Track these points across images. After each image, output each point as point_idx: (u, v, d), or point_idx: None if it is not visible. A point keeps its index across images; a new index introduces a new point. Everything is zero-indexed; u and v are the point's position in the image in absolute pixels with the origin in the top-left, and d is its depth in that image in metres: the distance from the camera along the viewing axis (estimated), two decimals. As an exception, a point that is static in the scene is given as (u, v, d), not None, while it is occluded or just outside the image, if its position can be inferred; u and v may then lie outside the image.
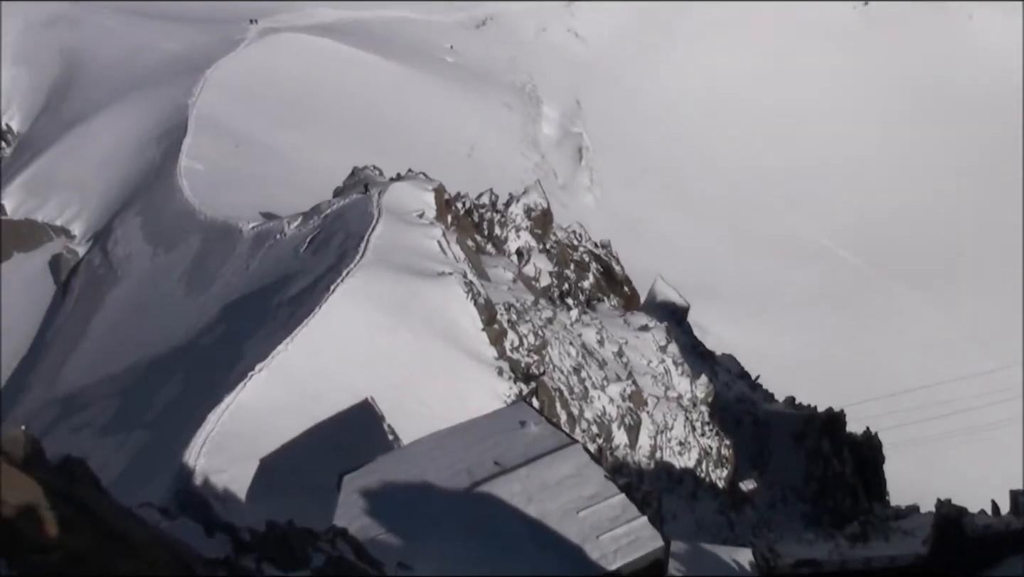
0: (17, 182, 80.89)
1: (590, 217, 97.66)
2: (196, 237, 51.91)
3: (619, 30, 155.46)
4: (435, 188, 45.20)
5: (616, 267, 63.22)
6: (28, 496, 7.35)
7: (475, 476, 17.75)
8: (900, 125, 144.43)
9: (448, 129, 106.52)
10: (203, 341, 36.67)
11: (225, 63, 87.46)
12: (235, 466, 22.42)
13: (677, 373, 52.07)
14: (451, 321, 33.78)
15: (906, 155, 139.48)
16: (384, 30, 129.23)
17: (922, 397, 69.69)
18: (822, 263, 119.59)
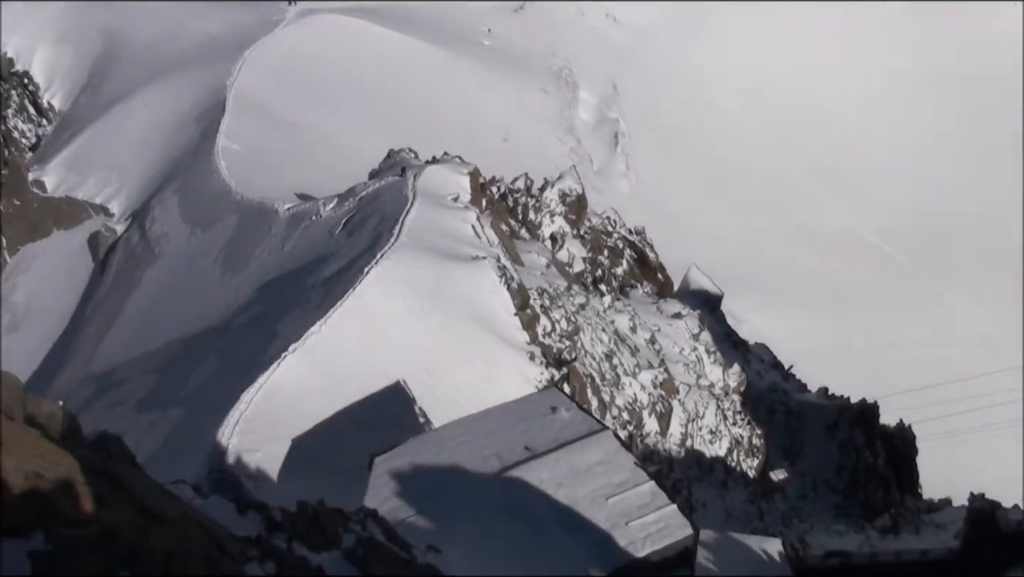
0: (58, 160, 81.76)
1: (625, 203, 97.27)
2: (232, 217, 52.21)
3: (658, 15, 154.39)
4: (470, 172, 45.15)
5: (650, 254, 62.98)
6: (65, 471, 7.44)
7: (505, 461, 17.78)
8: (949, 118, 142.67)
9: (484, 113, 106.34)
10: (238, 321, 36.92)
11: (263, 44, 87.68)
12: (267, 445, 22.59)
13: (709, 361, 51.83)
14: (484, 305, 33.80)
15: (953, 149, 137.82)
16: (422, 13, 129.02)
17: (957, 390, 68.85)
18: (860, 254, 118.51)
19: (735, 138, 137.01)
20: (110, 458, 10.12)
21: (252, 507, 14.00)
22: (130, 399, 35.37)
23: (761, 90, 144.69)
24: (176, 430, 28.03)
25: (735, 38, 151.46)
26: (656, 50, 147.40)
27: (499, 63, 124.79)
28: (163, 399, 32.54)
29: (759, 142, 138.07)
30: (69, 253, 73.39)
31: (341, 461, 21.93)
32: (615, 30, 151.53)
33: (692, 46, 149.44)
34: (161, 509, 8.73)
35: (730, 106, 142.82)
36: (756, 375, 54.93)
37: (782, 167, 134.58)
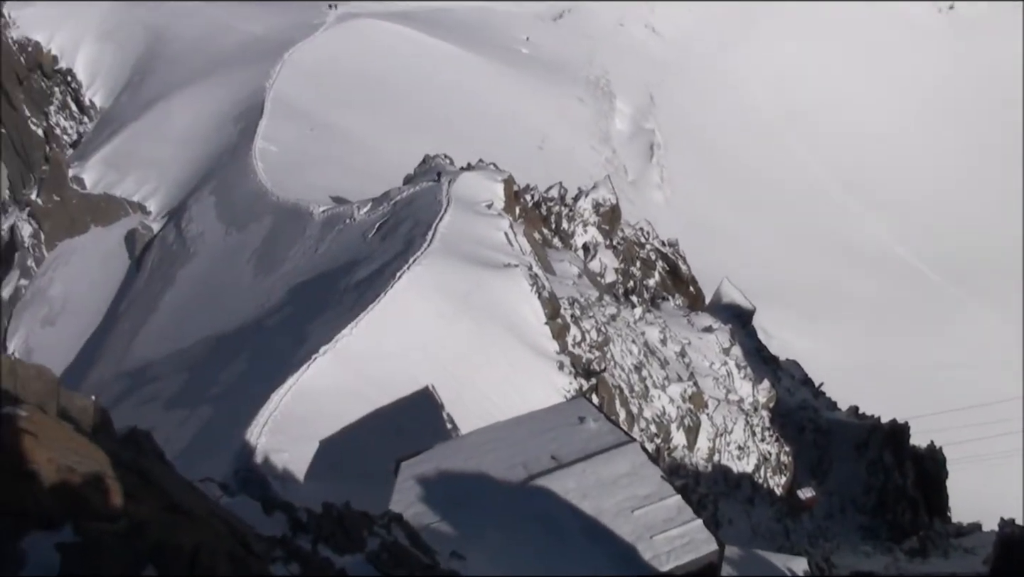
0: (97, 157, 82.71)
1: (659, 215, 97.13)
2: (267, 218, 52.58)
3: (697, 27, 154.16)
4: (505, 179, 45.26)
5: (682, 266, 62.80)
6: (95, 465, 7.52)
7: (531, 469, 17.76)
8: (985, 134, 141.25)
9: (520, 121, 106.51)
10: (270, 321, 37.17)
11: (303, 47, 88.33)
12: (295, 446, 22.70)
13: (739, 376, 51.58)
14: (514, 313, 33.83)
15: (990, 166, 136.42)
16: (462, 19, 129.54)
17: (989, 413, 68.06)
18: (895, 271, 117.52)
19: (771, 152, 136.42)
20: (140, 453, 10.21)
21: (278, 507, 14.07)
22: (161, 396, 35.68)
23: (798, 104, 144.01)
24: (205, 428, 28.23)
25: (774, 52, 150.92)
26: (694, 62, 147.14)
27: (537, 71, 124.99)
28: (193, 397, 32.79)
29: (795, 156, 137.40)
30: (106, 250, 74.18)
31: (368, 464, 21.99)
32: (654, 41, 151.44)
33: (731, 59, 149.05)
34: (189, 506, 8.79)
35: (767, 120, 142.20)
36: (786, 391, 54.60)
37: (818, 182, 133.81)
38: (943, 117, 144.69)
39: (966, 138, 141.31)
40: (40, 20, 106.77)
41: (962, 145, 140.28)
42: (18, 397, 8.03)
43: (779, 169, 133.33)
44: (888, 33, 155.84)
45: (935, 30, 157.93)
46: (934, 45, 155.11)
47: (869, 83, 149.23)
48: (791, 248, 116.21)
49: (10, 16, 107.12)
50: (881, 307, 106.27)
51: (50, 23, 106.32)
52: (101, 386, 44.98)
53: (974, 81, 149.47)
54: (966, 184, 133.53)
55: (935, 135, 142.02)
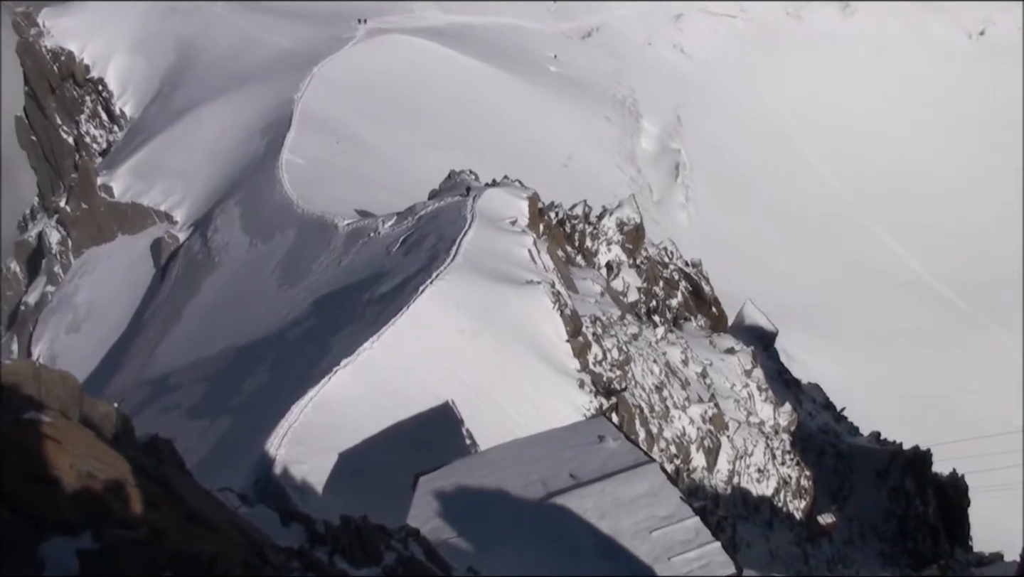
0: (126, 166, 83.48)
1: (682, 235, 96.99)
2: (292, 230, 52.83)
3: (725, 48, 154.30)
4: (529, 196, 45.25)
5: (705, 287, 62.59)
6: (117, 472, 7.57)
7: (550, 487, 17.71)
8: (1011, 160, 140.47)
9: (546, 138, 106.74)
10: (292, 333, 37.30)
11: (332, 61, 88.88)
12: (314, 458, 22.73)
13: (761, 399, 51.29)
14: (536, 330, 33.79)
15: (1016, 192, 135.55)
16: (491, 36, 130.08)
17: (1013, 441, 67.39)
18: (919, 296, 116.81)
19: (797, 174, 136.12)
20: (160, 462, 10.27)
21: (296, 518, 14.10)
22: (183, 404, 35.85)
23: (825, 127, 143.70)
24: (225, 437, 28.33)
25: (802, 75, 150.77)
26: (721, 83, 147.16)
27: (564, 89, 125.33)
28: (214, 406, 32.92)
29: (821, 179, 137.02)
30: (132, 258, 74.79)
31: (386, 478, 22.01)
32: (682, 61, 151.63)
33: (758, 81, 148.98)
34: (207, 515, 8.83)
35: (793, 142, 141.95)
36: (807, 415, 54.27)
37: (843, 205, 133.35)
38: (969, 142, 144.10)
39: (991, 163, 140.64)
40: (74, 30, 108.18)
41: (987, 170, 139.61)
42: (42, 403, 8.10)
43: (804, 191, 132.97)
44: (917, 58, 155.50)
45: (965, 56, 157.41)
46: (963, 71, 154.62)
47: (896, 107, 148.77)
48: (815, 271, 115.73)
49: (44, 25, 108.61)
50: (905, 332, 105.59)
51: (83, 33, 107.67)
52: (124, 393, 45.25)
53: (1002, 108, 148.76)
54: (991, 210, 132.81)
55: (960, 160, 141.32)
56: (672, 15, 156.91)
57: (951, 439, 60.80)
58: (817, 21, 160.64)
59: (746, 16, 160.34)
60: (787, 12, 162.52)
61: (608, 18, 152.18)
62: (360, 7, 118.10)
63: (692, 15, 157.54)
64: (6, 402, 7.63)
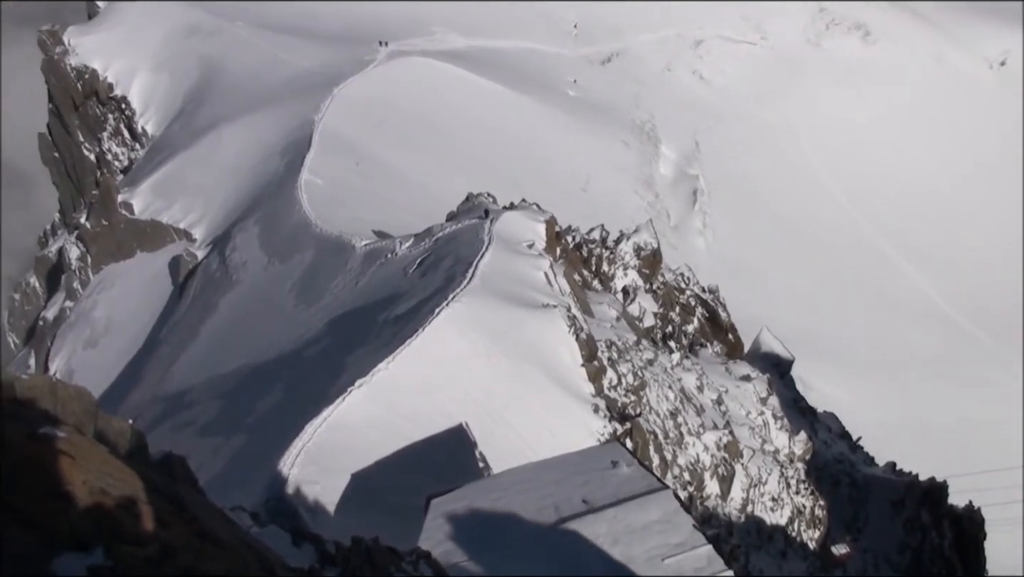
0: (146, 184, 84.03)
1: (700, 260, 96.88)
2: (310, 250, 53.02)
3: (744, 74, 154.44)
4: (547, 220, 45.31)
5: (722, 313, 62.40)
6: (130, 489, 7.58)
7: (562, 512, 17.65)
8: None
9: (565, 162, 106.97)
10: (308, 352, 37.38)
11: (353, 82, 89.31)
12: (327, 478, 22.74)
13: (776, 427, 51.02)
14: (551, 354, 33.77)
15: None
16: (511, 60, 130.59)
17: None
18: (938, 326, 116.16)
19: (816, 202, 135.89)
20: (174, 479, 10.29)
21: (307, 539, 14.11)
22: (197, 422, 35.94)
23: (846, 155, 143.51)
24: (239, 456, 28.37)
25: (821, 102, 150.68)
26: (741, 110, 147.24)
27: (583, 113, 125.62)
28: (228, 424, 32.99)
29: (841, 207, 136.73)
30: (150, 275, 75.18)
31: (398, 500, 21.99)
32: (701, 87, 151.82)
33: (777, 108, 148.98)
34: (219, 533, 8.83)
35: (813, 170, 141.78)
36: (823, 444, 53.90)
37: (863, 234, 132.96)
38: (988, 171, 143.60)
39: (1010, 192, 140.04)
40: (98, 48, 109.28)
41: (1006, 199, 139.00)
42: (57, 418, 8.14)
43: (823, 219, 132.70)
44: (937, 87, 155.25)
45: (985, 85, 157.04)
46: (983, 100, 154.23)
47: (916, 136, 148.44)
48: (832, 299, 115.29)
49: (70, 44, 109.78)
50: (922, 362, 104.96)
51: (108, 52, 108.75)
52: (139, 409, 45.42)
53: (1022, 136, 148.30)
54: (1010, 239, 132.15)
55: (980, 190, 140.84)
56: (692, 41, 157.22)
57: (968, 470, 60.28)
58: (837, 49, 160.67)
59: (766, 43, 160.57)
60: (807, 40, 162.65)
61: (628, 44, 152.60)
62: (382, 30, 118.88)
63: (712, 42, 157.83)
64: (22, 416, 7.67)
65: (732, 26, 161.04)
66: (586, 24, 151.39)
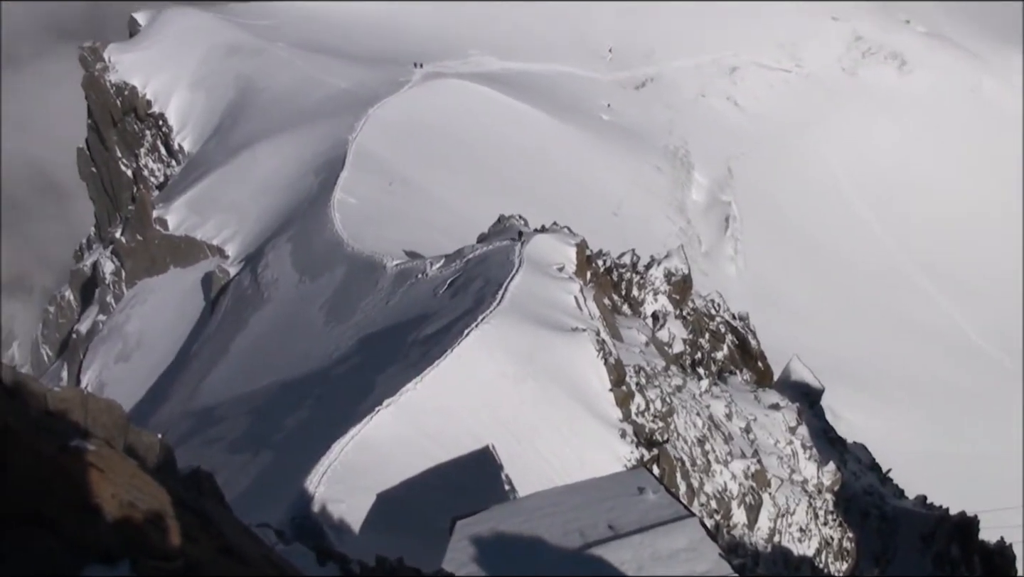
0: (182, 200, 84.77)
1: (730, 287, 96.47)
2: (341, 268, 53.23)
3: (779, 101, 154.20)
4: (577, 243, 45.30)
5: (752, 341, 62.03)
6: (157, 503, 7.62)
7: (587, 537, 17.55)
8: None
9: (597, 186, 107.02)
10: (337, 370, 37.48)
11: (388, 102, 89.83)
12: (353, 497, 22.74)
13: (805, 457, 50.56)
14: (579, 377, 33.68)
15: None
16: (546, 84, 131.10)
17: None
18: (970, 357, 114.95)
19: (849, 230, 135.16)
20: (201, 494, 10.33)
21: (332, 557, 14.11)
22: (225, 437, 36.08)
23: (879, 184, 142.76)
24: (266, 472, 28.44)
25: (855, 131, 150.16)
26: (774, 136, 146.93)
27: (616, 138, 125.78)
28: (256, 441, 33.09)
29: (873, 235, 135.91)
30: (183, 290, 75.73)
31: (423, 520, 21.94)
32: (735, 114, 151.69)
33: (811, 135, 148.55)
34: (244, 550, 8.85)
35: (846, 198, 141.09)
36: (852, 475, 53.34)
37: (894, 262, 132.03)
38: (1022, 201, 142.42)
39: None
40: (138, 65, 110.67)
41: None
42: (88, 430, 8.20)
43: (855, 248, 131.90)
44: (973, 117, 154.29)
45: (1020, 116, 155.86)
46: (1019, 131, 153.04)
47: (950, 166, 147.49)
48: (864, 329, 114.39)
49: (110, 60, 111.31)
50: (954, 393, 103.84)
51: (147, 69, 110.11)
52: (168, 424, 45.65)
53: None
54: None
55: (1013, 221, 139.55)
56: (727, 68, 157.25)
57: (1000, 505, 59.46)
58: (872, 78, 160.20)
59: (801, 71, 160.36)
60: (843, 68, 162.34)
61: (663, 69, 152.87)
62: (418, 51, 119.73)
63: (747, 68, 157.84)
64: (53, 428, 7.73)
65: (767, 53, 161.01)
66: (621, 49, 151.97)
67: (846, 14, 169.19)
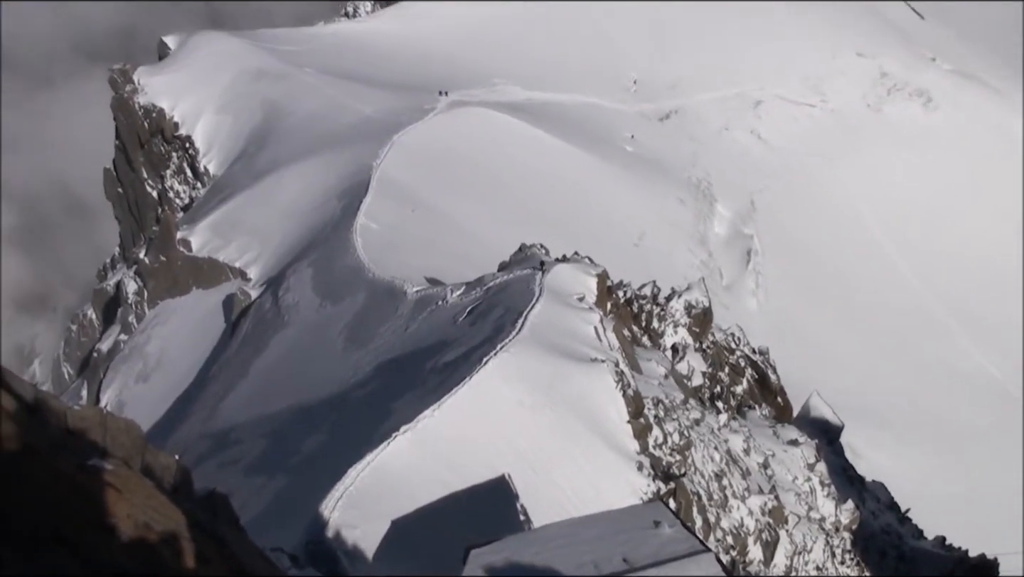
0: (206, 222, 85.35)
1: (751, 321, 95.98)
2: (361, 294, 53.36)
3: (803, 136, 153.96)
4: (598, 273, 45.27)
5: (772, 376, 61.71)
6: (172, 524, 7.65)
7: (602, 569, 17.43)
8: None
9: (619, 217, 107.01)
10: (354, 395, 37.51)
11: (412, 129, 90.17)
12: (367, 523, 22.70)
13: (823, 494, 50.14)
14: (597, 408, 33.57)
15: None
16: (570, 114, 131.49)
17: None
18: (994, 400, 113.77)
19: (872, 266, 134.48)
20: (216, 517, 10.36)
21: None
22: (242, 460, 36.15)
23: (903, 221, 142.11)
24: (281, 496, 28.45)
25: (881, 167, 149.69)
26: (798, 171, 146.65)
27: (639, 169, 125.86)
28: (272, 464, 33.13)
29: (897, 272, 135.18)
30: (204, 311, 76.10)
31: (437, 548, 21.85)
32: (759, 147, 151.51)
33: (835, 171, 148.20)
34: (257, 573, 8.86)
35: (869, 234, 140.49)
36: (870, 514, 52.85)
37: (918, 301, 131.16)
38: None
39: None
40: (167, 88, 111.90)
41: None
42: (106, 450, 8.26)
43: (879, 285, 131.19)
44: (999, 156, 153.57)
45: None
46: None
47: (975, 204, 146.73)
48: (886, 366, 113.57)
49: (139, 83, 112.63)
50: (976, 433, 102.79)
51: (175, 92, 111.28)
52: (185, 445, 45.77)
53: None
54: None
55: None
56: (751, 101, 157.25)
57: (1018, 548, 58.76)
58: (898, 114, 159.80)
59: (826, 106, 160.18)
60: (868, 104, 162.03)
61: (687, 101, 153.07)
62: (444, 79, 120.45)
63: (771, 102, 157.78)
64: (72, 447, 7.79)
65: (792, 87, 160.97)
66: (646, 81, 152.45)
67: (872, 50, 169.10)
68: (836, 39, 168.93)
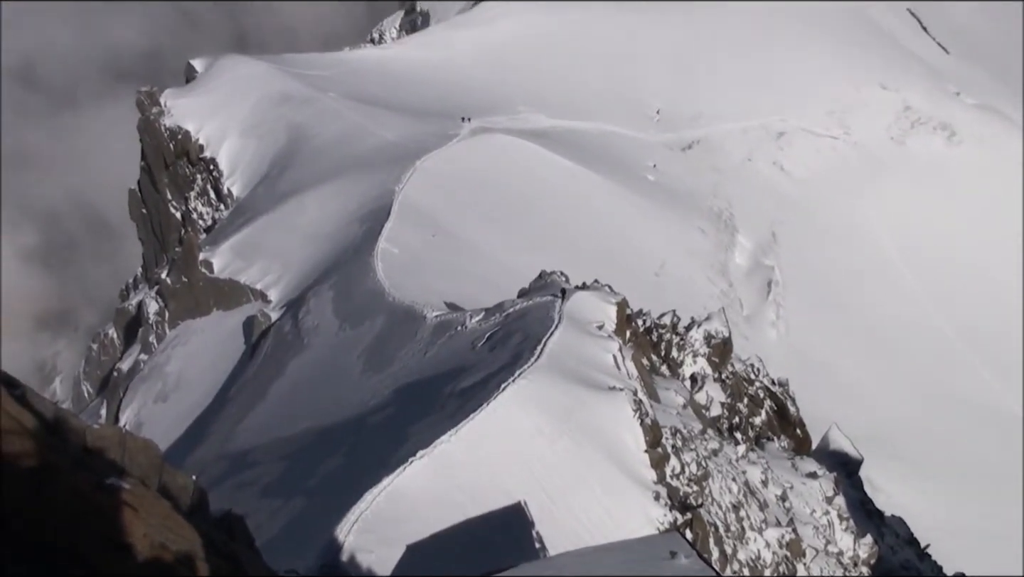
0: (228, 244, 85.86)
1: (771, 352, 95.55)
2: (381, 318, 53.46)
3: (827, 168, 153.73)
4: (618, 302, 45.21)
5: (791, 407, 61.36)
6: (188, 545, 7.68)
7: (616, 600, 17.35)
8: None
9: (639, 245, 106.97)
10: (372, 419, 37.52)
11: (435, 155, 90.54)
12: (382, 548, 22.65)
13: (841, 528, 49.72)
14: (614, 437, 33.45)
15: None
16: (593, 142, 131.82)
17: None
18: (1013, 434, 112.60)
19: (893, 298, 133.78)
20: (231, 538, 10.38)
21: (358, 608, 14.05)
22: (259, 482, 36.16)
23: (926, 255, 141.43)
24: (296, 519, 28.44)
25: (904, 200, 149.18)
26: (820, 203, 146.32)
27: (661, 198, 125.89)
28: (289, 486, 33.14)
29: (919, 304, 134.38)
30: (224, 333, 76.40)
31: (452, 575, 21.80)
32: (781, 178, 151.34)
33: (858, 203, 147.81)
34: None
35: (891, 268, 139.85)
36: (889, 549, 52.34)
37: (941, 333, 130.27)
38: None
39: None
40: (192, 110, 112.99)
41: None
42: (124, 469, 8.30)
43: (899, 318, 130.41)
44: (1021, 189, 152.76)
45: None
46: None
47: (999, 240, 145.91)
48: (907, 400, 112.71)
49: (166, 105, 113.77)
50: (998, 470, 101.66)
51: (201, 114, 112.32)
52: (203, 465, 45.86)
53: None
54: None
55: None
56: (774, 133, 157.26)
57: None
58: (921, 148, 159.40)
59: (849, 138, 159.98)
60: (891, 137, 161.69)
61: (710, 132, 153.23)
62: (467, 106, 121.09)
63: (794, 134, 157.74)
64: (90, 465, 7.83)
65: (815, 119, 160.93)
66: (669, 111, 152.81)
67: (896, 83, 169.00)
68: (860, 71, 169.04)
